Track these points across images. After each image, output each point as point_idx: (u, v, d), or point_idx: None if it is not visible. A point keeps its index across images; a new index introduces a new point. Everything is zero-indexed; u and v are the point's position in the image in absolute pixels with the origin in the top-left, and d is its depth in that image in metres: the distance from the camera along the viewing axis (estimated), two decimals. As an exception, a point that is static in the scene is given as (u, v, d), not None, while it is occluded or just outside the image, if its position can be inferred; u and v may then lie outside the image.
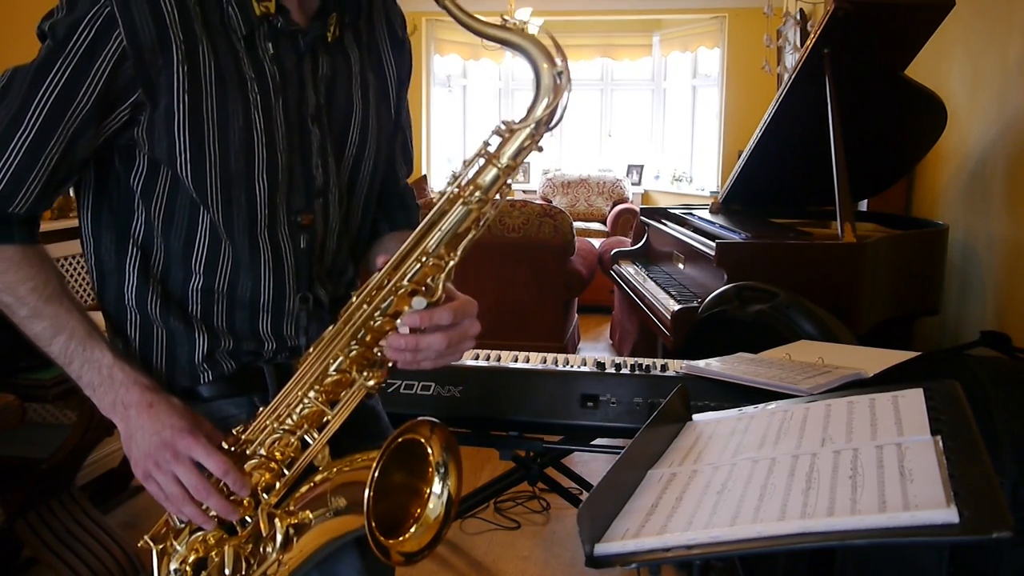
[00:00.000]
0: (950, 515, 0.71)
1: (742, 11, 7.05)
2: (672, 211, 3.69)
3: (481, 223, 0.96)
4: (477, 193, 0.94)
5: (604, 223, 7.40)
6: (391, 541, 0.94)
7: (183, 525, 0.98)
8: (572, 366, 1.78)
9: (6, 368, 2.11)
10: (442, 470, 0.99)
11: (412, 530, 0.97)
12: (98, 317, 1.03)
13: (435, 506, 0.99)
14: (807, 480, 0.85)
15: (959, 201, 3.35)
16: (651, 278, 3.39)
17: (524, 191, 8.11)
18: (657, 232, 3.66)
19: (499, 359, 1.85)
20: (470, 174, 0.95)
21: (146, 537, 0.98)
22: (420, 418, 0.96)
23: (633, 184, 8.00)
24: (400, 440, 0.94)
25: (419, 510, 0.98)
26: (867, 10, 2.70)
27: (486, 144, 0.95)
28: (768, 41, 5.31)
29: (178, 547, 0.97)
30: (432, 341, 0.96)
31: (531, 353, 1.89)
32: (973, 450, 0.83)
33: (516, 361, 1.84)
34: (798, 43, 4.88)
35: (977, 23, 3.17)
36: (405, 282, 0.95)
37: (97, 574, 2.20)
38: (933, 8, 2.74)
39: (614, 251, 3.98)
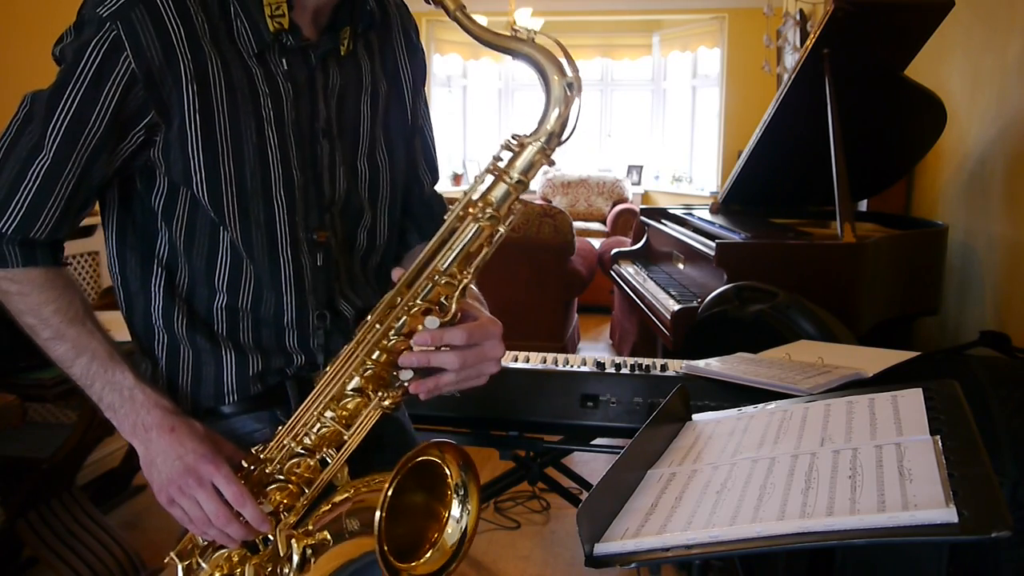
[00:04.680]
0: (949, 515, 0.71)
1: (742, 11, 7.05)
2: (672, 211, 3.69)
3: (494, 240, 0.94)
4: (488, 210, 0.92)
5: (604, 223, 7.40)
6: (404, 565, 0.91)
7: (207, 543, 0.98)
8: (572, 366, 1.78)
9: (6, 368, 2.10)
10: (461, 492, 0.96)
11: (428, 555, 0.94)
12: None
13: (453, 531, 0.96)
14: (806, 480, 0.85)
15: (959, 201, 3.35)
16: (651, 278, 3.39)
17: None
18: (657, 232, 3.66)
19: (499, 359, 1.85)
20: (480, 190, 0.93)
21: (172, 554, 0.98)
22: (435, 440, 0.94)
23: (633, 184, 7.99)
24: (416, 461, 0.92)
25: (436, 534, 0.96)
26: (867, 10, 2.71)
27: (496, 159, 0.92)
28: (768, 41, 5.30)
29: (203, 564, 0.97)
30: (444, 360, 0.93)
31: (531, 353, 1.88)
32: (972, 450, 0.83)
33: (516, 361, 1.84)
34: (798, 43, 4.88)
35: (976, 24, 3.17)
36: (418, 301, 0.93)
37: (97, 574, 2.20)
38: (933, 8, 2.74)
39: (614, 251, 3.98)
